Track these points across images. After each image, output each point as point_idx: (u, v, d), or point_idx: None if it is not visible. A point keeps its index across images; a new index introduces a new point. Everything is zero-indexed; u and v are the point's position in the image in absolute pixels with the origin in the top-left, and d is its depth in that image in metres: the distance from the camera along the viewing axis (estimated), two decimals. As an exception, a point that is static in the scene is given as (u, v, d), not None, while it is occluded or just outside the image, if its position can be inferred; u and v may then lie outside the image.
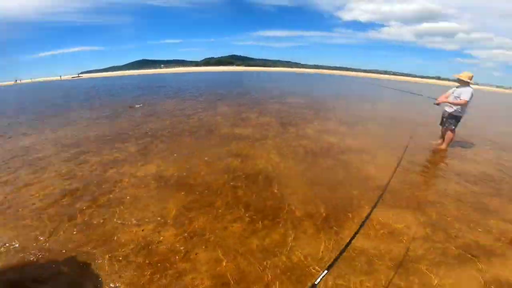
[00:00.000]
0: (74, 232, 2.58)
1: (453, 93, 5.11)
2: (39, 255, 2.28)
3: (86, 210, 2.96)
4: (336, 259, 1.26)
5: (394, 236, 2.57)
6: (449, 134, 5.27)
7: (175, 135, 6.03)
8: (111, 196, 3.28)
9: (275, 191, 3.45)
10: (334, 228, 2.67)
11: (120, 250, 2.32)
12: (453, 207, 3.19)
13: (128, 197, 3.24)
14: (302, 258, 2.24)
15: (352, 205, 3.12)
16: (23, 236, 2.52)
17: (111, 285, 1.96)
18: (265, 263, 2.18)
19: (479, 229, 2.74)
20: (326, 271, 1.18)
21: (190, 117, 8.05)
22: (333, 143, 5.56)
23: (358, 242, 2.43)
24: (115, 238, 2.49)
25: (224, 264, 2.17)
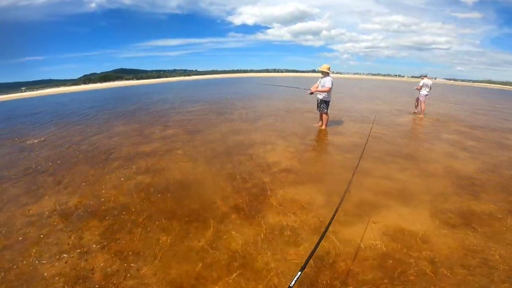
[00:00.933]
0: None
1: (319, 83, 6.46)
2: None
3: None
4: (307, 260, 1.34)
5: (306, 207, 3.08)
6: (324, 116, 6.63)
7: (66, 166, 5.04)
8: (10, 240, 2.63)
9: (196, 194, 3.54)
10: (257, 213, 2.99)
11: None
12: (339, 173, 4.07)
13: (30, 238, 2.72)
14: (240, 247, 2.45)
15: (267, 190, 3.54)
16: None
17: None
18: (209, 260, 2.29)
19: (364, 187, 3.54)
20: (300, 272, 1.21)
21: (79, 143, 6.83)
22: (239, 140, 6.01)
23: (279, 218, 2.83)
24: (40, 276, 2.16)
25: (171, 271, 2.17)
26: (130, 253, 2.44)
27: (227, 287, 2.03)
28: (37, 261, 2.37)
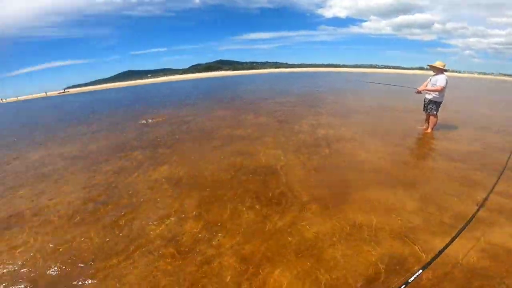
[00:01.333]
0: (105, 235, 2.80)
1: (430, 81, 5.60)
2: (74, 258, 2.53)
3: (111, 213, 3.23)
4: (431, 261, 1.39)
5: (392, 210, 2.91)
6: (432, 118, 5.75)
7: (179, 141, 6.33)
8: (132, 199, 3.54)
9: (281, 180, 3.79)
10: (337, 208, 3.00)
11: (152, 245, 2.58)
12: (442, 182, 3.59)
13: (147, 199, 3.51)
14: (314, 236, 2.55)
15: (352, 188, 3.46)
16: (56, 241, 2.79)
17: (151, 279, 2.15)
18: (281, 243, 2.48)
19: (468, 200, 3.05)
20: (421, 270, 1.26)
21: (189, 123, 8.35)
22: (327, 134, 5.97)
23: (361, 217, 2.77)
24: (147, 235, 2.74)
25: (245, 247, 2.45)
26: (218, 224, 2.84)
27: (290, 270, 2.14)
28: (147, 222, 2.98)
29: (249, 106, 10.85)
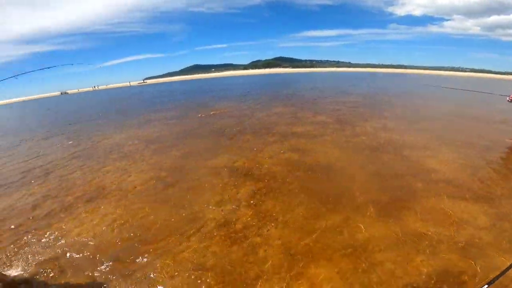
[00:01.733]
0: (170, 214, 3.23)
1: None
2: (141, 232, 3.10)
3: (177, 194, 3.74)
4: (498, 277, 1.45)
5: (459, 224, 2.70)
6: (529, 132, 4.90)
7: (239, 133, 6.84)
8: (195, 183, 4.03)
9: (337, 180, 3.81)
10: (395, 214, 2.89)
11: (207, 226, 2.92)
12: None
13: (207, 184, 3.94)
14: (364, 238, 2.53)
15: (415, 196, 3.27)
16: (129, 213, 3.41)
17: (201, 258, 2.42)
18: (328, 240, 2.53)
19: None
20: (486, 286, 1.32)
21: (250, 116, 8.88)
22: (392, 139, 5.63)
23: (422, 227, 2.65)
24: (203, 216, 3.11)
25: (292, 240, 2.57)
26: (268, 215, 3.02)
27: (331, 268, 2.18)
28: (205, 205, 3.34)
29: (308, 105, 10.84)
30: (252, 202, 3.33)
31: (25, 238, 2.88)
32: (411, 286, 1.95)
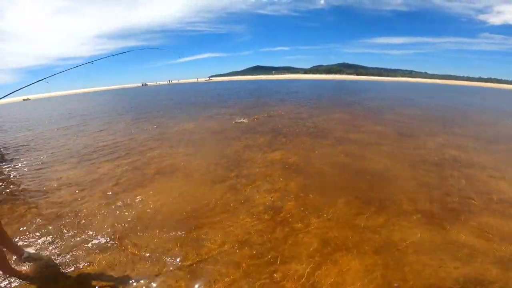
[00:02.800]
0: (225, 194, 3.79)
1: None
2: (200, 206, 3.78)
3: (234, 179, 4.33)
4: None
5: (509, 240, 2.65)
6: None
7: (294, 133, 7.30)
8: (250, 172, 4.58)
9: (385, 186, 3.91)
10: (441, 224, 2.92)
11: (256, 208, 3.38)
12: None
13: (261, 174, 4.46)
14: (401, 240, 2.64)
15: (469, 211, 3.21)
16: (193, 189, 4.16)
17: (246, 235, 2.85)
18: (365, 237, 2.71)
19: None
20: None
21: (306, 120, 9.26)
22: (457, 156, 5.30)
23: (466, 238, 2.68)
24: (254, 200, 3.59)
25: (330, 232, 2.82)
26: (313, 207, 3.32)
27: (362, 262, 2.33)
28: (257, 191, 3.79)
29: (369, 114, 10.58)
30: (299, 194, 3.70)
31: (112, 200, 3.76)
32: (435, 287, 2.09)
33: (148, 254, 2.55)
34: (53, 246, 2.72)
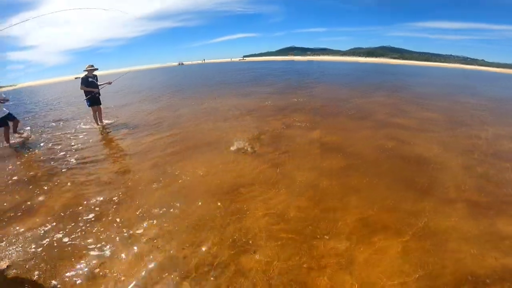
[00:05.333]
0: (266, 169, 4.03)
1: None
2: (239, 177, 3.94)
3: (273, 153, 4.47)
4: None
5: None
6: None
7: (332, 114, 7.15)
8: (290, 148, 4.68)
9: (431, 173, 3.72)
10: (488, 215, 2.77)
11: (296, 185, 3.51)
12: None
13: (300, 151, 4.54)
14: (443, 227, 2.56)
15: None
16: (235, 161, 4.41)
17: (285, 209, 2.91)
18: (406, 221, 2.65)
19: None
20: None
21: (346, 101, 8.98)
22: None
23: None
24: (293, 176, 3.65)
25: (369, 214, 2.79)
26: (352, 187, 3.27)
27: (399, 243, 2.30)
28: (296, 167, 3.87)
29: (417, 99, 9.85)
30: (339, 173, 3.69)
31: (159, 165, 4.14)
32: (470, 275, 2.03)
33: (192, 223, 2.69)
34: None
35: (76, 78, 58.28)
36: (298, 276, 2.02)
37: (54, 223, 2.78)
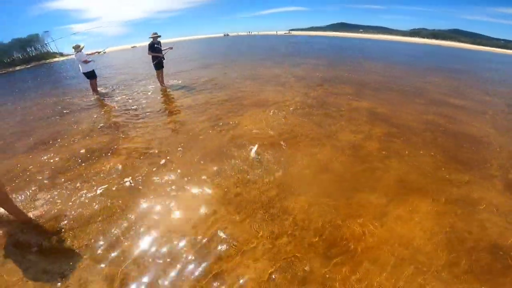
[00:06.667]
0: (312, 127, 4.27)
1: None
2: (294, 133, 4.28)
3: (319, 116, 4.81)
4: None
5: None
6: None
7: (384, 88, 7.06)
8: (335, 114, 4.90)
9: (479, 150, 3.69)
10: None
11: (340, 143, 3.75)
12: None
13: (346, 116, 4.75)
14: (478, 198, 2.58)
15: None
16: (283, 120, 4.77)
17: (329, 164, 3.27)
18: (442, 188, 2.70)
19: None
20: None
21: (400, 78, 8.66)
22: None
23: None
24: (338, 136, 3.94)
25: (408, 176, 2.92)
26: (395, 152, 3.40)
27: (434, 207, 2.39)
28: (341, 129, 4.07)
29: (480, 84, 9.06)
30: (383, 139, 3.84)
31: (215, 122, 4.74)
32: (495, 246, 2.08)
33: (241, 167, 3.09)
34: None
35: (132, 47, 62.36)
36: (334, 219, 2.28)
37: (134, 162, 3.34)
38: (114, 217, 2.37)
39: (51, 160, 3.54)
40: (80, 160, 3.48)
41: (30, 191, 2.83)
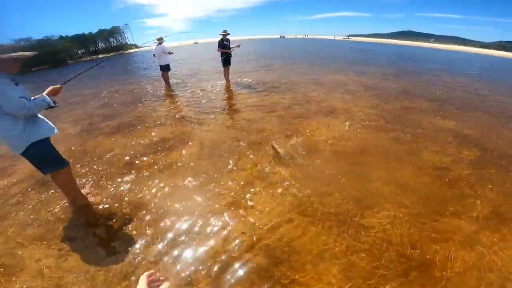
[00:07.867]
0: (386, 142, 4.06)
1: None
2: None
3: (397, 133, 4.53)
4: None
5: None
6: None
7: (468, 105, 6.31)
8: (417, 131, 4.52)
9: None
10: None
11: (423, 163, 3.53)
12: None
13: (428, 135, 4.36)
14: None
15: None
16: (354, 131, 4.55)
17: (409, 182, 3.13)
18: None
19: None
20: None
21: (486, 96, 7.58)
22: None
23: None
24: (421, 156, 3.75)
25: (503, 207, 2.63)
26: (487, 180, 3.06)
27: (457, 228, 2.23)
28: (423, 148, 3.77)
29: None
30: (474, 164, 3.46)
31: (282, 122, 4.79)
32: None
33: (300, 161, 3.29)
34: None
35: (194, 43, 66.95)
36: (417, 240, 2.17)
37: (207, 151, 3.70)
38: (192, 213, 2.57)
39: (132, 143, 4.05)
40: (154, 148, 3.87)
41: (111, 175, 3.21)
